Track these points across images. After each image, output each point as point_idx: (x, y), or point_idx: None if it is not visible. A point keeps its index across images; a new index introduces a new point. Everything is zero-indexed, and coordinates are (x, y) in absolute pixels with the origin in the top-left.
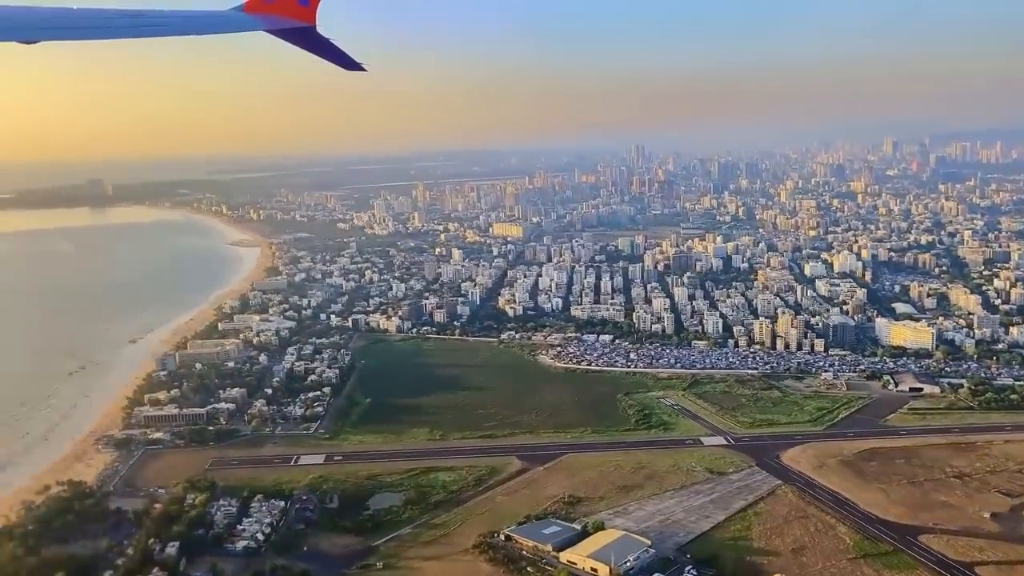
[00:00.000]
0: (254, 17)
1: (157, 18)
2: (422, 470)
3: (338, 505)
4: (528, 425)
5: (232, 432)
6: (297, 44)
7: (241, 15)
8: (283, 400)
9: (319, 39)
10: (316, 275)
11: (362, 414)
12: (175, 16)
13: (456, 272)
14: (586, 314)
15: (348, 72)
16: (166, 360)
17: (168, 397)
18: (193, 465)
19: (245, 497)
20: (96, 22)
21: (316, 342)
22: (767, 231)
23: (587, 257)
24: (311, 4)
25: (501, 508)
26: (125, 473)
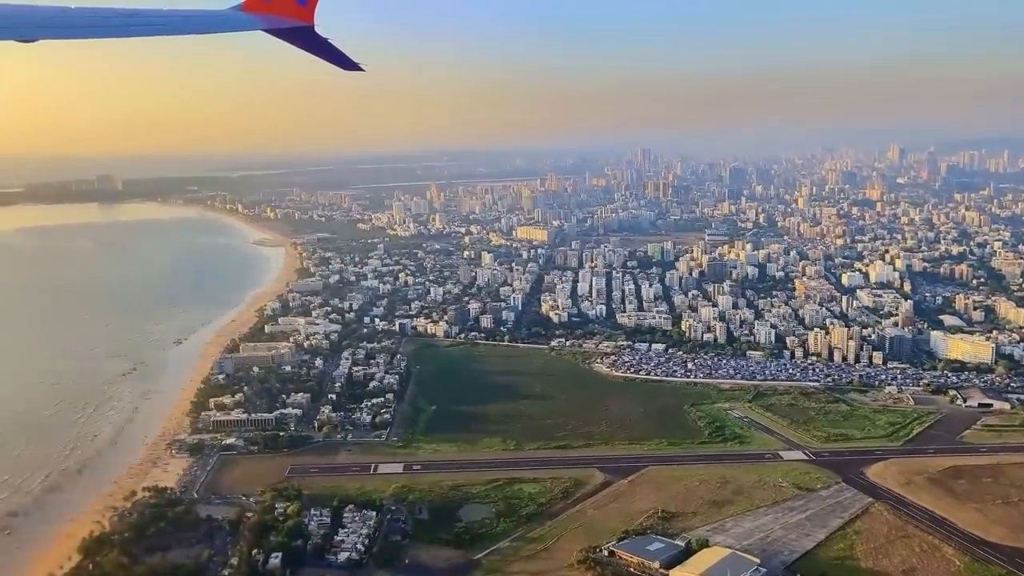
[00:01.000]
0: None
1: (155, 17)
2: (505, 481)
3: (428, 516)
4: (601, 436)
5: (304, 439)
6: (295, 44)
7: (239, 14)
8: (348, 406)
9: (317, 39)
10: (350, 277)
11: (430, 422)
12: (174, 15)
13: (492, 276)
14: (633, 322)
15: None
16: (223, 363)
17: (233, 402)
18: (271, 472)
19: (335, 507)
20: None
21: (368, 347)
22: (792, 239)
23: (619, 263)
24: (309, 4)
25: (594, 522)
26: (205, 479)
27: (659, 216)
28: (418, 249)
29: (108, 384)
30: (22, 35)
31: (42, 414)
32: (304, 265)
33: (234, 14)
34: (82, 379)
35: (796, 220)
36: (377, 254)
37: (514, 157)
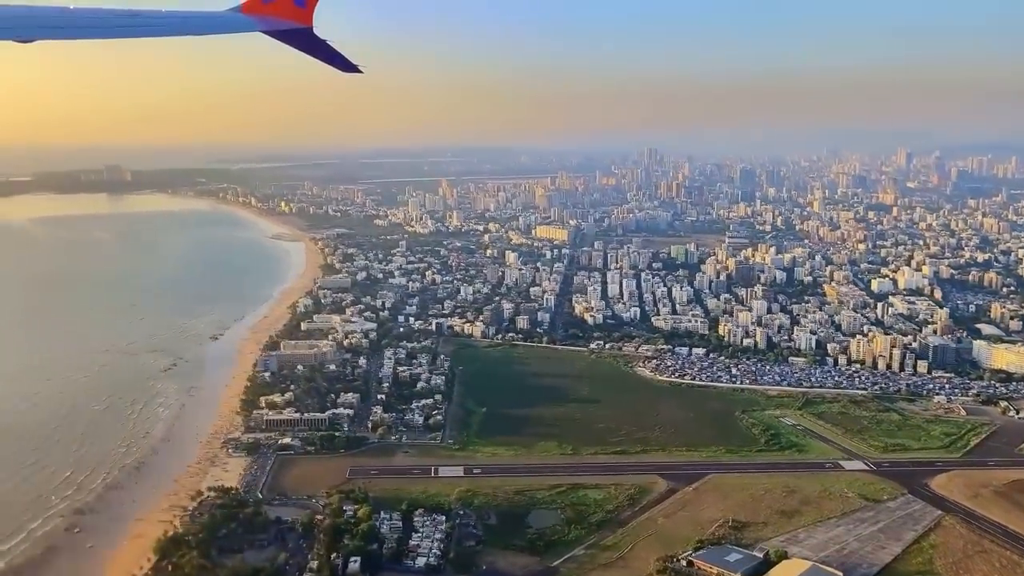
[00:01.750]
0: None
1: (154, 18)
2: (569, 487)
3: (496, 522)
4: (657, 442)
5: (360, 440)
6: (294, 45)
7: (238, 16)
8: (399, 407)
9: (316, 41)
10: (376, 274)
11: (482, 424)
12: (172, 16)
13: (520, 276)
14: (669, 325)
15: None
16: (267, 361)
17: (284, 400)
18: (330, 473)
19: (404, 510)
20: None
21: (408, 346)
22: (813, 243)
23: (644, 264)
24: (308, 5)
25: (665, 530)
26: (267, 480)
27: (676, 217)
28: (439, 247)
29: (151, 380)
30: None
31: (93, 409)
32: (328, 261)
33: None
34: (125, 374)
35: (815, 224)
36: (400, 251)
37: (518, 155)
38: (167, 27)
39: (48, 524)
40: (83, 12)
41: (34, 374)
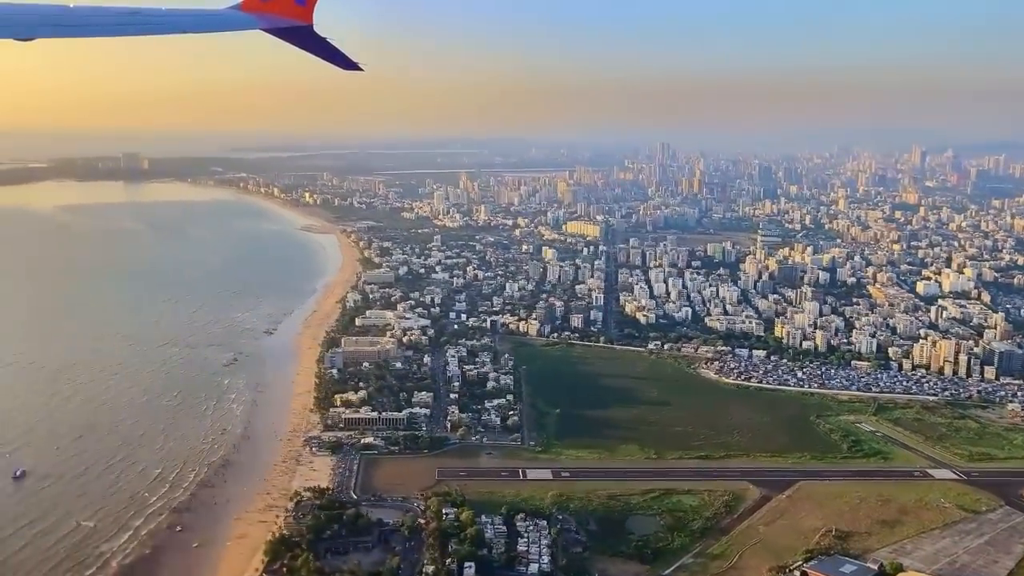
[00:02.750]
0: (251, 16)
1: (154, 16)
2: (661, 492)
3: (597, 527)
4: (738, 447)
5: (441, 440)
6: (294, 43)
7: (238, 14)
8: (473, 407)
9: (316, 38)
10: (417, 269)
11: (559, 426)
12: (172, 14)
13: (563, 273)
14: (723, 326)
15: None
16: (333, 358)
17: (359, 399)
18: (418, 474)
19: (505, 515)
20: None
21: (468, 344)
22: (846, 242)
23: (683, 262)
24: (308, 3)
25: (769, 539)
26: (358, 480)
27: (702, 214)
28: (471, 241)
29: (216, 375)
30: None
31: (167, 405)
32: (364, 255)
33: (233, 13)
34: (189, 368)
35: (844, 223)
36: (435, 246)
37: (527, 147)
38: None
39: (151, 522)
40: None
41: (101, 368)
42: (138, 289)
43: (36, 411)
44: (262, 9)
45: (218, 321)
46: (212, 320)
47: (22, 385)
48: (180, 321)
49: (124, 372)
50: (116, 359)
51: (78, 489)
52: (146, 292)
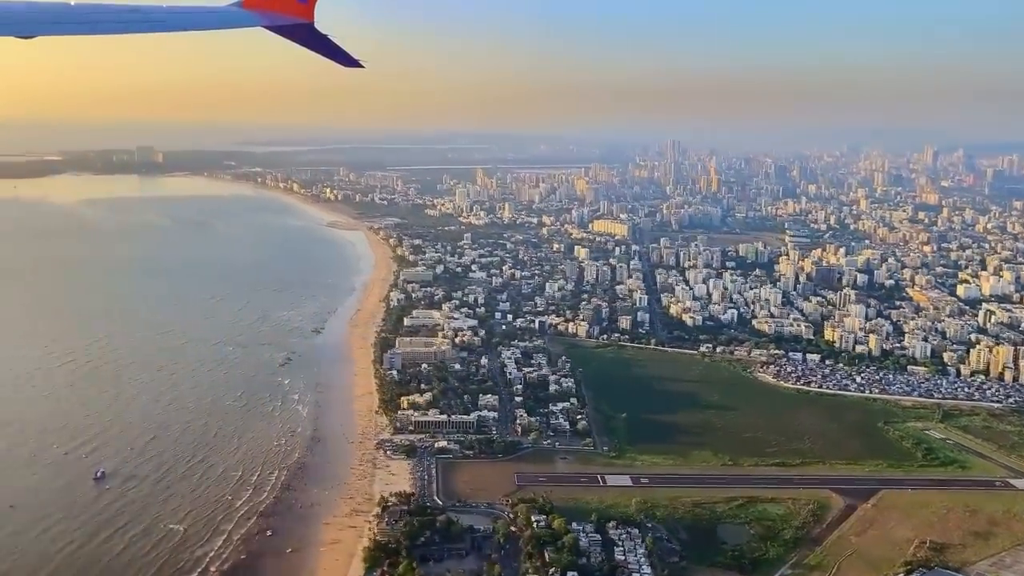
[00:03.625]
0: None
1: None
2: (745, 500)
3: (688, 536)
4: (811, 454)
5: (515, 444)
6: (296, 41)
7: (240, 11)
8: (538, 410)
9: (318, 36)
10: (453, 267)
11: (629, 430)
12: (174, 12)
13: (600, 273)
14: (772, 329)
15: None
16: (392, 358)
17: (424, 401)
18: (497, 479)
19: (596, 522)
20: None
21: (521, 345)
22: (875, 244)
23: (717, 262)
24: (309, 1)
25: (864, 550)
26: (439, 485)
27: (726, 213)
28: (499, 239)
29: (273, 375)
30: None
31: (233, 405)
32: (397, 253)
33: (235, 11)
34: (245, 368)
35: (870, 224)
36: (466, 244)
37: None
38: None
39: (241, 526)
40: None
41: (159, 368)
42: (179, 286)
43: (105, 411)
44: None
45: (265, 319)
46: (259, 318)
47: (86, 384)
48: (228, 319)
49: (183, 371)
50: (173, 358)
51: (161, 491)
52: (188, 289)
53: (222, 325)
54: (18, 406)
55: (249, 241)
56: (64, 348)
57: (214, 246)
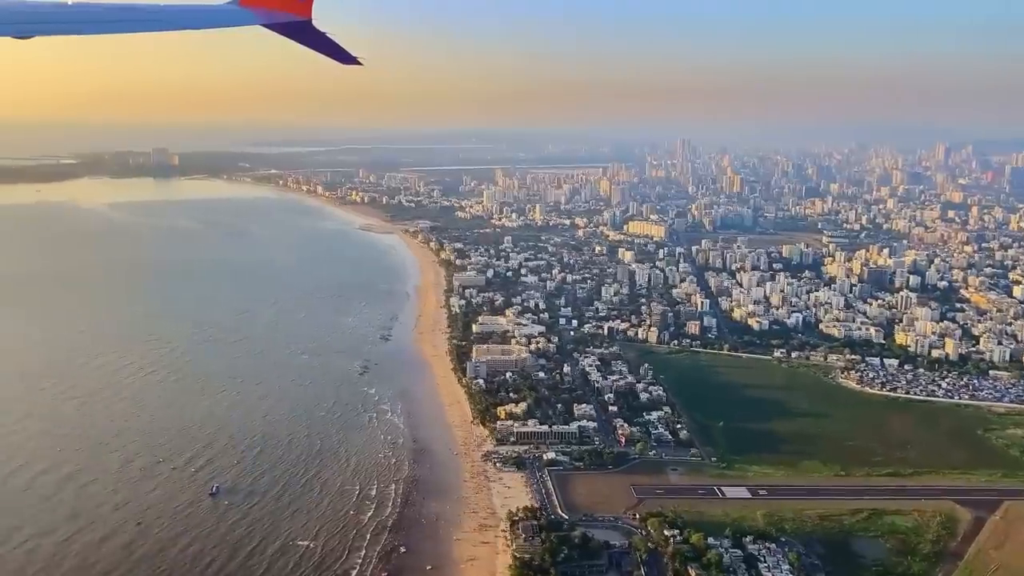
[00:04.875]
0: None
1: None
2: (868, 512)
3: (824, 551)
4: (920, 463)
5: (623, 455)
6: (293, 38)
7: (237, 9)
8: (635, 420)
9: (315, 33)
10: (501, 271)
11: (730, 439)
12: (171, 10)
13: (653, 276)
14: (842, 333)
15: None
16: (477, 367)
17: (521, 411)
18: (614, 491)
19: (731, 536)
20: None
21: (596, 352)
22: (914, 244)
23: (763, 264)
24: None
25: (1009, 566)
26: (560, 499)
27: (757, 213)
28: (540, 242)
29: (357, 384)
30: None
31: (328, 417)
32: (441, 256)
33: (232, 9)
34: (327, 377)
35: (904, 223)
36: (508, 247)
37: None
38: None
39: (375, 543)
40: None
41: (243, 379)
42: (233, 291)
43: (203, 424)
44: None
45: (330, 326)
46: (323, 325)
47: (176, 396)
48: (293, 327)
49: (267, 381)
50: (252, 367)
51: (284, 507)
52: (242, 295)
53: (290, 333)
54: (116, 420)
55: (288, 245)
56: (142, 357)
57: (255, 251)
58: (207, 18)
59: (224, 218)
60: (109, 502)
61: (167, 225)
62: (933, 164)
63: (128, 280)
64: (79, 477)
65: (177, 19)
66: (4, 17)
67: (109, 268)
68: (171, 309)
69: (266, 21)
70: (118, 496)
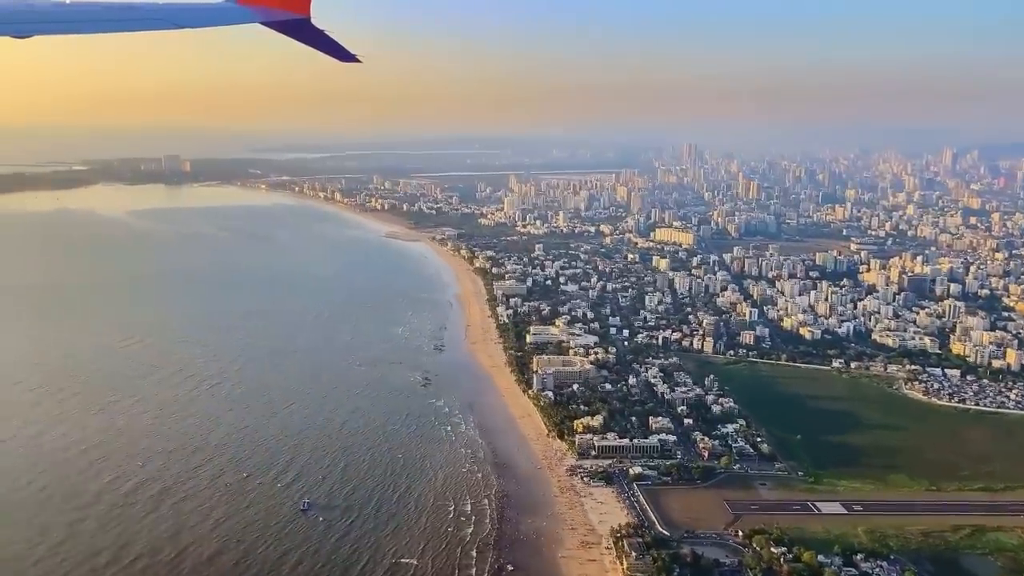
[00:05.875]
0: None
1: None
2: (970, 528)
3: (934, 569)
4: (1010, 477)
5: (711, 470)
6: (292, 36)
7: (236, 7)
8: (712, 433)
9: (314, 31)
10: (539, 279)
11: (811, 453)
12: (169, 9)
13: (694, 285)
14: (896, 342)
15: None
16: (545, 379)
17: (599, 424)
18: (708, 507)
19: (841, 554)
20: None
21: (656, 363)
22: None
23: (800, 272)
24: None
25: None
26: (657, 515)
27: (779, 220)
28: (570, 250)
29: (423, 396)
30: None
31: (403, 430)
32: (475, 265)
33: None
34: (392, 389)
35: (930, 230)
36: (540, 255)
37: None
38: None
39: (483, 561)
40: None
41: (308, 391)
42: (274, 301)
43: (281, 437)
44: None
45: (381, 336)
46: (373, 335)
47: (247, 409)
48: (344, 336)
49: (332, 394)
50: (315, 379)
51: (381, 523)
52: (286, 305)
53: (342, 343)
54: (192, 435)
55: (317, 254)
56: (201, 369)
57: (287, 259)
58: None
59: (248, 225)
60: (208, 519)
61: (193, 233)
62: (941, 169)
63: (168, 290)
64: (172, 493)
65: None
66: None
67: (147, 278)
68: (218, 320)
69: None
70: (215, 513)
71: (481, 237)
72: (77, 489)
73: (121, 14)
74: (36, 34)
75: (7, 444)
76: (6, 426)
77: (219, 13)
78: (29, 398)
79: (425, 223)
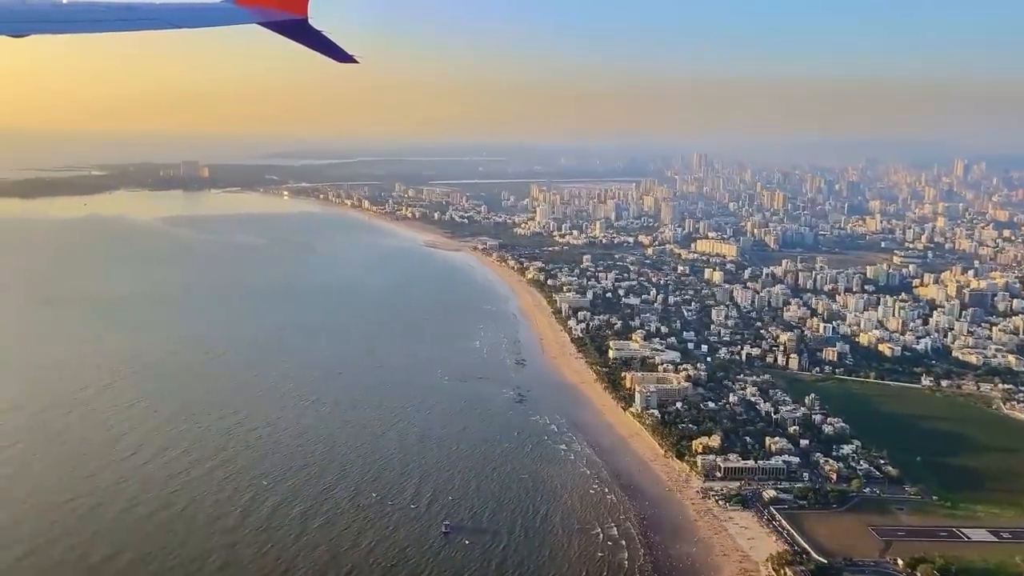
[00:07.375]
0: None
1: (148, 11)
2: None
3: None
4: None
5: (844, 493)
6: (289, 37)
7: (233, 8)
8: (831, 454)
9: (311, 31)
10: (599, 292)
11: (939, 476)
12: (167, 9)
13: (757, 299)
14: (979, 360)
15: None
16: (649, 397)
17: (716, 444)
18: (851, 532)
19: None
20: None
21: (749, 379)
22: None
23: (856, 286)
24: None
25: None
26: (809, 542)
27: (819, 232)
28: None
29: (522, 414)
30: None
31: (516, 448)
32: (528, 276)
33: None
34: (491, 406)
35: (970, 243)
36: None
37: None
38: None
39: None
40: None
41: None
42: (339, 314)
43: (404, 458)
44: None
45: (459, 350)
46: (452, 349)
47: (357, 427)
48: (421, 349)
49: (434, 411)
50: (406, 394)
51: (533, 548)
52: (350, 317)
53: (422, 357)
54: (311, 454)
55: (361, 263)
56: (297, 386)
57: (337, 270)
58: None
59: (284, 234)
60: (360, 544)
61: (229, 241)
62: (955, 181)
63: (231, 301)
64: (316, 514)
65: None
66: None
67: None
68: (292, 335)
69: (262, 20)
70: (365, 538)
71: (521, 247)
72: (219, 511)
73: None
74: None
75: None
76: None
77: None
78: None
79: (460, 232)
